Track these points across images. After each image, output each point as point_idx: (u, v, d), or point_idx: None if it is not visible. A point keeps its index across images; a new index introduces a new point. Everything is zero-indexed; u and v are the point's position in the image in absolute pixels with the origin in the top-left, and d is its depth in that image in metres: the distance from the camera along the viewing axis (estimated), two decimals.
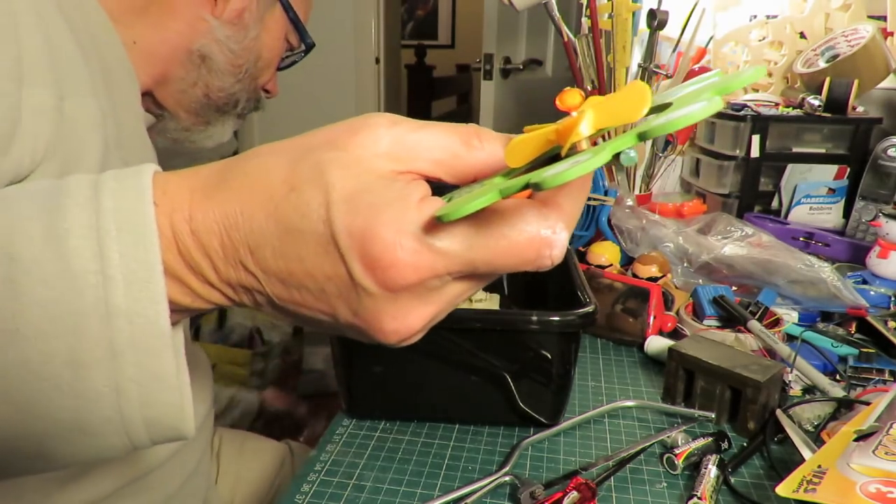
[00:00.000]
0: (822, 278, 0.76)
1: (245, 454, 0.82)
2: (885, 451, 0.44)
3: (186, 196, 0.28)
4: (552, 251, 0.26)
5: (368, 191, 0.26)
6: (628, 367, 0.71)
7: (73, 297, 0.26)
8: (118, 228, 0.26)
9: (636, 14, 1.12)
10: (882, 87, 1.18)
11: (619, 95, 0.24)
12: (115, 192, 0.27)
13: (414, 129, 0.28)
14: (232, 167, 0.29)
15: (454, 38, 5.04)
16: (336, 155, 0.27)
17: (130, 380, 0.27)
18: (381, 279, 0.26)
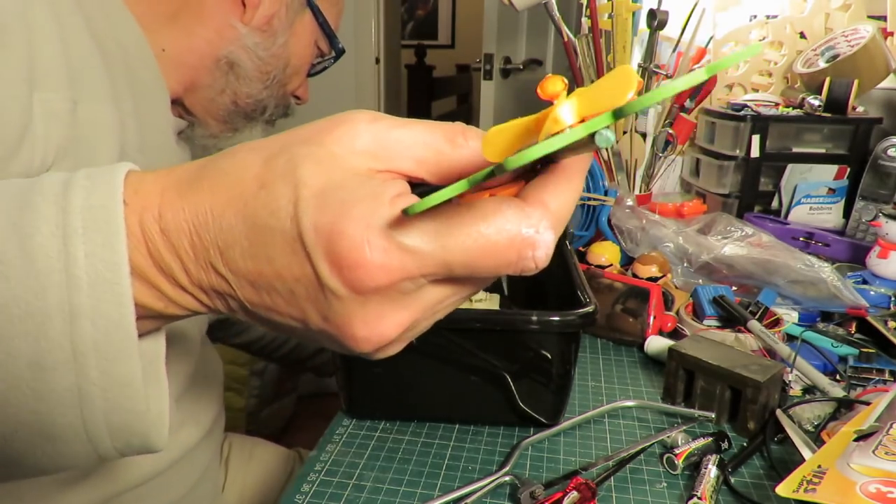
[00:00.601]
0: (822, 278, 0.76)
1: (254, 461, 0.81)
2: (885, 451, 0.44)
3: (158, 194, 0.27)
4: (535, 252, 0.24)
5: (340, 187, 0.24)
6: (628, 367, 0.71)
7: (37, 296, 0.25)
8: (85, 227, 0.25)
9: (636, 14, 1.12)
10: (882, 87, 1.18)
11: (603, 81, 0.23)
12: (85, 190, 0.26)
13: (395, 126, 0.26)
14: (207, 165, 0.27)
15: (454, 38, 5.04)
16: (310, 150, 0.25)
17: (93, 384, 0.26)
18: (348, 279, 0.24)
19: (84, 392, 0.26)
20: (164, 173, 0.28)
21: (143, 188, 0.27)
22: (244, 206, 0.25)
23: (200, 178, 0.27)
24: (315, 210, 0.24)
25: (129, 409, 0.27)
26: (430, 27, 5.03)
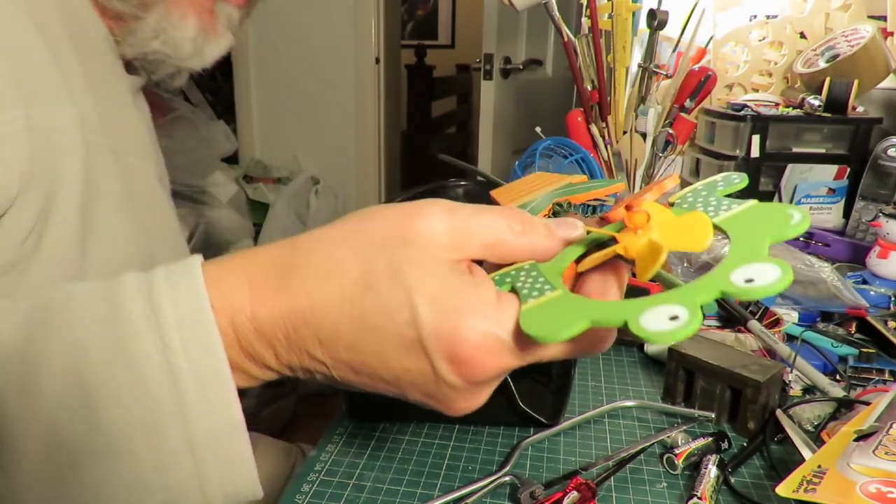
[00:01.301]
0: (822, 278, 0.76)
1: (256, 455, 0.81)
2: (885, 451, 0.44)
3: (246, 293, 0.28)
4: (606, 343, 0.30)
5: (449, 292, 0.27)
6: (628, 367, 0.71)
7: (151, 413, 0.28)
8: (183, 342, 0.27)
9: (636, 14, 1.12)
10: (882, 87, 1.17)
11: (681, 223, 0.27)
12: (172, 302, 0.28)
13: (467, 217, 0.29)
14: (293, 258, 0.29)
15: (454, 38, 5.04)
16: (406, 253, 0.27)
17: (211, 467, 0.29)
18: (465, 375, 0.27)
19: (204, 475, 0.29)
20: (244, 265, 0.29)
21: (227, 287, 0.28)
22: (350, 306, 0.27)
23: (292, 275, 0.28)
24: (434, 317, 0.26)
25: (241, 478, 0.31)
26: (430, 27, 5.03)
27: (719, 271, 0.25)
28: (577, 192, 0.38)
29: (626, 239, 0.28)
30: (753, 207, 0.29)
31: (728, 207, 0.29)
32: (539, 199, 0.38)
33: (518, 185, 0.43)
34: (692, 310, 0.24)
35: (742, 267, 0.25)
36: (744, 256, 0.25)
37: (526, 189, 0.42)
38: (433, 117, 3.77)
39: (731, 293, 0.24)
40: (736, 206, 0.29)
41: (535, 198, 0.38)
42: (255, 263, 0.29)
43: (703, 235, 0.26)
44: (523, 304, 0.28)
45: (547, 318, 0.27)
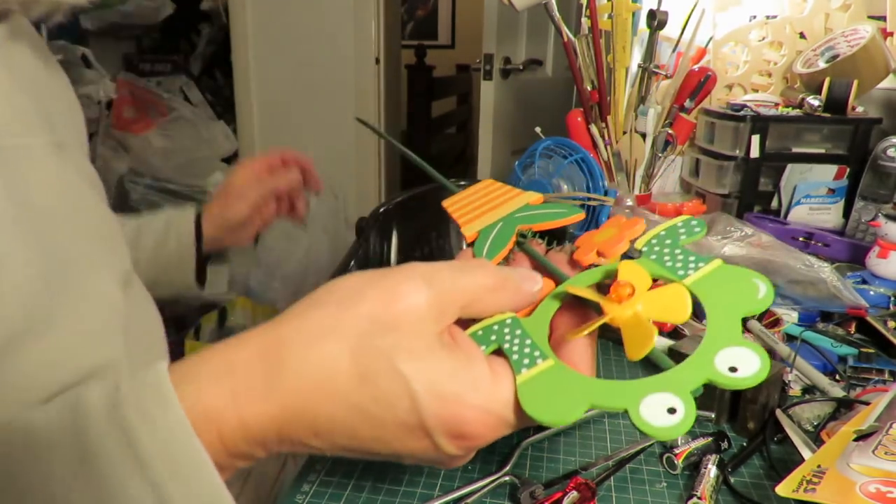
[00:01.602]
0: (822, 278, 0.76)
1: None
2: (885, 451, 0.44)
3: (230, 405, 0.27)
4: None
5: (446, 375, 0.27)
6: (628, 367, 0.71)
7: None
8: (171, 477, 0.26)
9: (636, 14, 1.12)
10: (882, 87, 1.17)
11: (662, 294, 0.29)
12: (153, 439, 0.25)
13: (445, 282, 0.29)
14: (276, 356, 0.27)
15: (454, 38, 5.04)
16: (396, 339, 0.27)
17: None
18: (466, 447, 0.29)
19: None
20: (223, 373, 0.27)
21: (208, 404, 0.27)
22: (346, 399, 0.27)
23: (279, 376, 0.27)
24: (435, 404, 0.27)
25: None
26: (430, 27, 5.03)
27: (702, 355, 0.28)
28: (535, 218, 0.38)
29: (613, 310, 0.30)
30: (719, 270, 0.30)
31: (695, 265, 0.31)
32: (500, 224, 0.38)
33: (470, 196, 0.42)
34: (687, 401, 0.27)
35: (723, 351, 0.27)
36: (723, 338, 0.28)
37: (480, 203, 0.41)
38: (433, 117, 3.77)
39: (718, 383, 0.27)
40: (702, 265, 0.31)
41: (496, 222, 0.38)
42: (236, 369, 0.28)
43: (683, 308, 0.29)
44: (517, 373, 0.29)
45: (547, 397, 0.28)
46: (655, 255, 0.32)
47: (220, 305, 2.04)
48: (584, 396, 0.28)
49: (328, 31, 2.59)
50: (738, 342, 0.27)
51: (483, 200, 0.41)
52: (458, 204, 0.42)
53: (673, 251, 0.31)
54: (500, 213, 0.39)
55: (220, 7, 2.71)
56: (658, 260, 0.32)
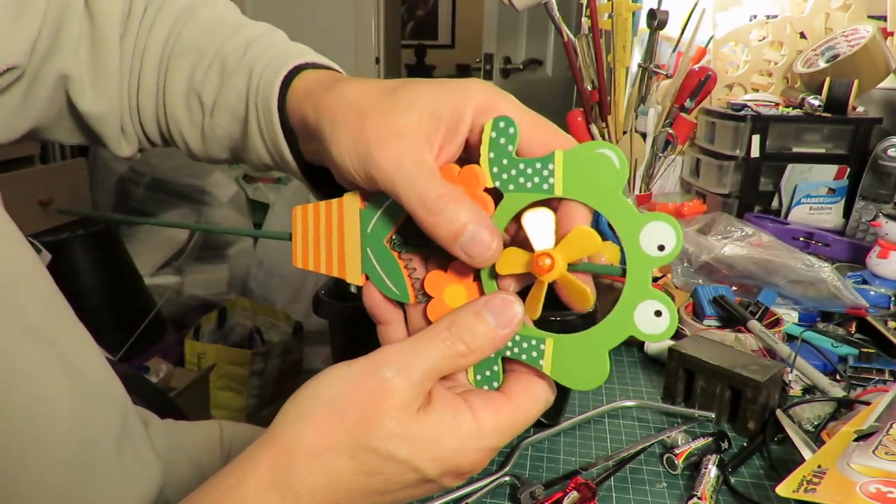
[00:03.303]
0: (822, 278, 0.76)
1: (175, 442, 0.76)
2: (885, 451, 0.44)
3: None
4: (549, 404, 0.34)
5: (439, 442, 0.30)
6: (628, 367, 0.71)
7: None
8: None
9: (636, 14, 1.12)
10: (882, 87, 1.18)
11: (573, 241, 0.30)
12: None
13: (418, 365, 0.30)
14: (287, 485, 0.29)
15: (454, 38, 5.04)
16: (385, 433, 0.29)
17: None
18: (465, 476, 0.32)
19: None
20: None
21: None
22: (359, 490, 0.30)
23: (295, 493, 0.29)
24: (437, 466, 0.30)
25: None
26: (430, 27, 5.03)
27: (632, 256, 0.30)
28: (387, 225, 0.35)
29: (545, 281, 0.31)
30: (568, 162, 0.30)
31: (547, 170, 0.30)
32: (367, 249, 0.35)
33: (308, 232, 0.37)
34: (666, 302, 0.29)
35: (642, 233, 0.29)
36: (631, 224, 0.29)
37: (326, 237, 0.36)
38: None
39: (653, 262, 0.29)
40: (550, 166, 0.30)
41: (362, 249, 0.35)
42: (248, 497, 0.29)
43: (593, 240, 0.30)
44: (539, 367, 0.32)
45: (574, 368, 0.31)
46: (513, 184, 0.31)
47: (220, 305, 2.04)
48: (598, 349, 0.30)
49: (328, 31, 2.58)
50: (654, 219, 0.28)
51: (325, 233, 0.36)
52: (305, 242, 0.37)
53: (518, 168, 0.31)
54: (354, 238, 0.35)
55: None
56: (518, 188, 0.31)
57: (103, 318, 1.93)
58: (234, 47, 0.43)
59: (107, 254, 2.02)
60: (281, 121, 0.39)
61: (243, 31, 0.45)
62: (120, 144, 0.48)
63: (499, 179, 0.31)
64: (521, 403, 0.32)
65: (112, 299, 1.98)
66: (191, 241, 2.35)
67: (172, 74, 0.45)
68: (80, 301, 1.94)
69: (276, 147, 0.41)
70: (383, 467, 0.29)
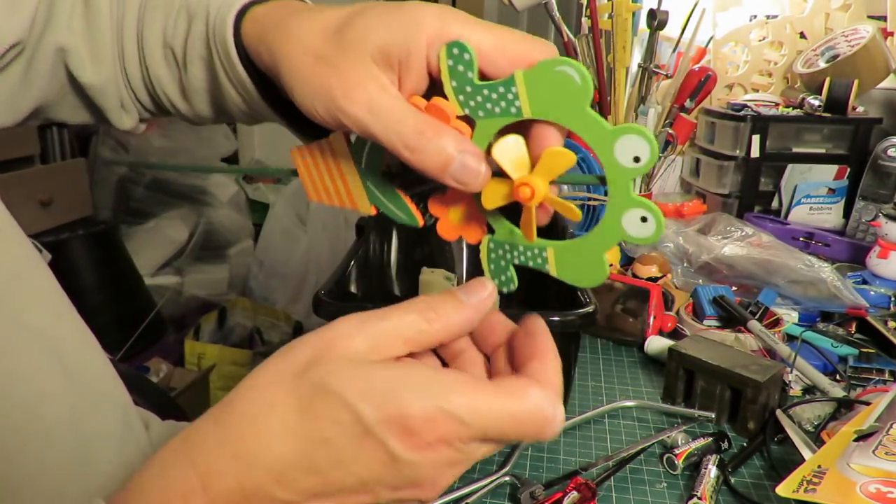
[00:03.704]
0: (822, 278, 0.76)
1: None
2: (885, 451, 0.44)
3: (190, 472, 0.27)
4: (552, 427, 0.28)
5: (380, 381, 0.27)
6: (628, 367, 0.71)
7: None
8: None
9: (636, 14, 1.12)
10: (882, 87, 1.18)
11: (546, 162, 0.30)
12: None
13: (380, 322, 0.29)
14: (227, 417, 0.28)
15: None
16: (326, 369, 0.28)
17: None
18: (418, 446, 0.27)
19: None
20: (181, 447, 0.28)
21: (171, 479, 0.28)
22: (293, 433, 0.27)
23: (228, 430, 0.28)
24: (374, 406, 0.27)
25: None
26: None
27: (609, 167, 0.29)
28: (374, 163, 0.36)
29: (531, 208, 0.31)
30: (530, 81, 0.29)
31: (511, 93, 0.30)
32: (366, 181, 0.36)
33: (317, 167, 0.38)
34: (650, 208, 0.29)
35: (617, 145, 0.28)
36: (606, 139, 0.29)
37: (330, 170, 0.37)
38: None
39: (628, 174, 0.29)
40: (513, 88, 0.30)
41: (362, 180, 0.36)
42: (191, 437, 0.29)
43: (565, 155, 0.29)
44: (546, 271, 0.33)
45: (576, 269, 0.32)
46: (482, 110, 0.30)
47: (220, 305, 2.04)
48: (596, 252, 0.31)
49: None
50: (626, 132, 0.28)
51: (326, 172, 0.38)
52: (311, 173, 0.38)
53: (483, 94, 0.30)
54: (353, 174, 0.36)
55: None
56: (488, 115, 0.30)
57: (103, 318, 1.93)
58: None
59: (107, 254, 2.03)
60: (247, 61, 0.38)
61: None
62: (121, 117, 0.48)
63: (467, 107, 0.31)
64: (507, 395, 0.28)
65: (112, 299, 1.98)
66: (191, 241, 2.35)
67: (148, 32, 0.44)
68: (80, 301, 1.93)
69: (247, 92, 0.39)
70: (318, 403, 0.27)
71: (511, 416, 0.28)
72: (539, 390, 0.28)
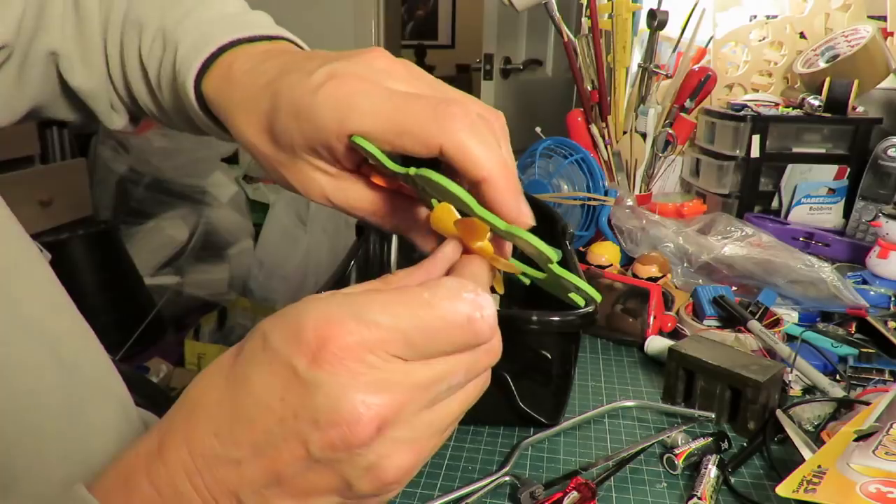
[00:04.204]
0: (822, 278, 0.76)
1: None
2: (885, 451, 0.44)
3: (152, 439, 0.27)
4: (483, 312, 0.26)
5: (295, 307, 0.26)
6: (628, 367, 0.71)
7: None
8: None
9: (636, 14, 1.12)
10: (882, 87, 1.18)
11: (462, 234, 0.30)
12: None
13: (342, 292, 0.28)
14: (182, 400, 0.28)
15: (454, 38, 5.04)
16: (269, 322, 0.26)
17: None
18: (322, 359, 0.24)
19: None
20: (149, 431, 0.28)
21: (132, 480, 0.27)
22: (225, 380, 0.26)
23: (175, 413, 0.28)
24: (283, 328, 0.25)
25: None
26: (430, 27, 5.03)
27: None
28: None
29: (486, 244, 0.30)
30: (420, 180, 0.30)
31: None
32: None
33: None
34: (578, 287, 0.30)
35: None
36: None
37: None
38: None
39: None
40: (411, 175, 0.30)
41: None
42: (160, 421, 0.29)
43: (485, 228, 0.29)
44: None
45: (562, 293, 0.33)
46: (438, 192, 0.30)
47: (220, 305, 2.04)
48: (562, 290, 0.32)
49: (328, 32, 2.58)
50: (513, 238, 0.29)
51: None
52: None
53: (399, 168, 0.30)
54: None
55: None
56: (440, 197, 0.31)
57: (103, 318, 1.93)
58: (174, 18, 0.42)
59: (107, 254, 2.03)
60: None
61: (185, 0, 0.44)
62: (112, 118, 0.49)
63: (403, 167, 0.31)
64: (420, 290, 0.25)
65: (112, 299, 1.98)
66: (191, 240, 2.35)
67: (127, 48, 0.45)
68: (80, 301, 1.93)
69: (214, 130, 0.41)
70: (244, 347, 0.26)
71: (427, 307, 0.25)
72: (454, 279, 0.26)
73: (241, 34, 0.40)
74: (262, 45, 0.40)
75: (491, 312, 0.26)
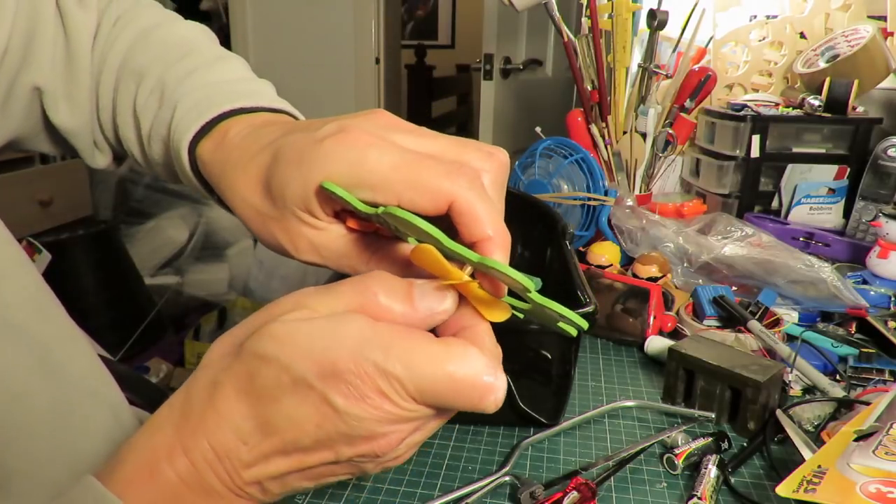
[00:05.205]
0: (822, 278, 0.76)
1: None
2: (885, 451, 0.44)
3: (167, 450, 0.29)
4: (495, 395, 0.28)
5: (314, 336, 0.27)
6: (628, 367, 0.71)
7: None
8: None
9: (636, 14, 1.12)
10: (882, 87, 1.18)
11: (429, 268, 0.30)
12: None
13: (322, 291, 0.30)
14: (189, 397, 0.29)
15: (454, 38, 5.04)
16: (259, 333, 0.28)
17: None
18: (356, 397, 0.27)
19: None
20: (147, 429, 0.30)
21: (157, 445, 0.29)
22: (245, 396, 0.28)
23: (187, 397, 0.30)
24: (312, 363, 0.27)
25: None
26: (430, 27, 5.03)
27: None
28: None
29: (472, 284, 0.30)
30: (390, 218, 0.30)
31: None
32: None
33: None
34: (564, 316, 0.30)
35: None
36: None
37: None
38: (433, 117, 3.78)
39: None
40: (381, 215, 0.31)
41: None
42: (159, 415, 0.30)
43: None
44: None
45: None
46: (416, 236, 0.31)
47: (220, 305, 2.04)
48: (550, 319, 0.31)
49: (328, 31, 2.59)
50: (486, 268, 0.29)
51: None
52: None
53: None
54: None
55: (220, 7, 2.71)
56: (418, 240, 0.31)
57: (103, 318, 1.93)
58: (175, 75, 0.42)
59: (107, 254, 2.03)
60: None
61: (189, 58, 0.44)
62: (94, 157, 0.49)
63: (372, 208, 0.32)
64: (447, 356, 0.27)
65: (112, 299, 1.98)
66: (191, 241, 2.35)
67: (121, 95, 0.45)
68: (80, 301, 1.94)
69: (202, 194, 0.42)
70: (260, 370, 0.28)
71: (450, 379, 0.27)
72: (480, 354, 0.28)
73: (244, 104, 0.40)
74: (262, 115, 0.40)
75: (502, 396, 0.28)
